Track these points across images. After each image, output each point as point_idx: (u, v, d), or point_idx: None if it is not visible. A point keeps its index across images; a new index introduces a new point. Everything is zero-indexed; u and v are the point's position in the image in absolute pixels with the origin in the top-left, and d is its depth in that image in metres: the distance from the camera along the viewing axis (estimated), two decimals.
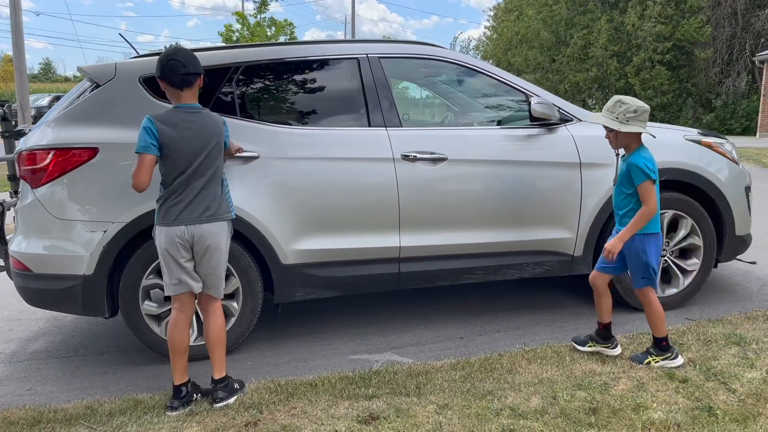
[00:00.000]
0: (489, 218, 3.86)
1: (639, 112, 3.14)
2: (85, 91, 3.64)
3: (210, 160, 2.92)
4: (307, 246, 3.62)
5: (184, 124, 2.87)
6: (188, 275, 2.94)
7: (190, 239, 2.89)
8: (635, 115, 3.14)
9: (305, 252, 3.62)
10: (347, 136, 3.71)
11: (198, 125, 2.90)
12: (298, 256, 3.62)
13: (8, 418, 2.94)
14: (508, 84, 4.04)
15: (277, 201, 3.54)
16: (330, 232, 3.65)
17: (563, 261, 3.99)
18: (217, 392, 3.00)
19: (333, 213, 3.64)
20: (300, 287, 3.67)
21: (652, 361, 3.24)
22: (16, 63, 13.62)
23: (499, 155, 3.86)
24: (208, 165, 2.91)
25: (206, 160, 2.90)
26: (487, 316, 4.20)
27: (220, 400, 2.98)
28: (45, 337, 4.16)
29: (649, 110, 3.20)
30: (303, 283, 3.66)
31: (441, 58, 4.03)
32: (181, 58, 2.88)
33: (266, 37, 23.63)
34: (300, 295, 3.69)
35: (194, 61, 2.92)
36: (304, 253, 3.62)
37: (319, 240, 3.64)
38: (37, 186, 3.45)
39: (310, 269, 3.66)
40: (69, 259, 3.44)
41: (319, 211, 3.61)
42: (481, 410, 2.83)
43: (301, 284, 3.67)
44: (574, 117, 4.02)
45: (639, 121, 3.15)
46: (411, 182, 3.69)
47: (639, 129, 3.15)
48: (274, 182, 3.55)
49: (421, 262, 3.82)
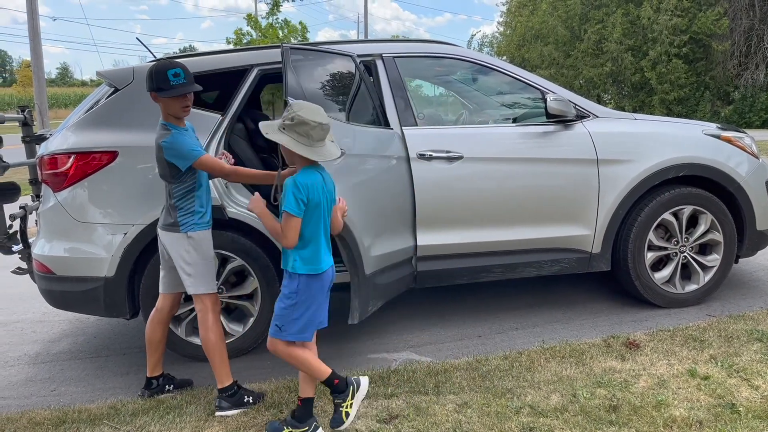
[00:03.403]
0: (506, 216, 3.85)
1: (295, 122, 2.49)
2: (104, 95, 3.69)
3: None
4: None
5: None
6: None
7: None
8: (291, 123, 2.50)
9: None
10: (371, 133, 3.70)
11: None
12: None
13: (33, 418, 2.99)
14: (523, 81, 4.03)
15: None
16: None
17: (581, 258, 3.97)
18: (220, 401, 3.00)
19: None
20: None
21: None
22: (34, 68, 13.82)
23: (515, 153, 3.85)
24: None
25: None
26: (504, 314, 4.20)
27: (219, 410, 2.97)
28: (68, 339, 4.22)
29: (313, 125, 2.50)
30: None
31: (455, 56, 4.03)
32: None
33: (278, 39, 23.61)
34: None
35: (145, 82, 2.91)
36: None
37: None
38: (59, 190, 3.50)
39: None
40: (90, 261, 3.49)
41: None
42: (501, 408, 2.83)
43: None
44: (591, 113, 4.00)
45: (296, 133, 2.50)
46: (427, 181, 3.69)
47: (283, 140, 2.51)
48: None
49: (437, 261, 3.82)
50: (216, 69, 3.75)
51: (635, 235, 3.94)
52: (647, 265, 4.00)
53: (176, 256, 2.96)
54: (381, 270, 3.49)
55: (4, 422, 2.97)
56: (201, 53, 4.09)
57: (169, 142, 2.84)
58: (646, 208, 3.94)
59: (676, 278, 4.09)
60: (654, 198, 3.95)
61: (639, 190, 3.91)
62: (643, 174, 3.89)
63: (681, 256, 4.08)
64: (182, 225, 2.94)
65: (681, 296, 4.11)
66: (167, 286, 3.14)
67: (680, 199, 3.98)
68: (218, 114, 3.67)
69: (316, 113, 2.55)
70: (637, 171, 3.90)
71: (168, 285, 3.14)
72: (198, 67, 3.63)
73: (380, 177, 3.59)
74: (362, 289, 3.30)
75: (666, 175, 3.92)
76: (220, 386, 2.99)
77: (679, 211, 4.01)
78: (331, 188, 2.68)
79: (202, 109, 3.66)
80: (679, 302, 4.10)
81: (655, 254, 4.03)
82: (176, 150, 2.83)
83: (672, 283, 4.10)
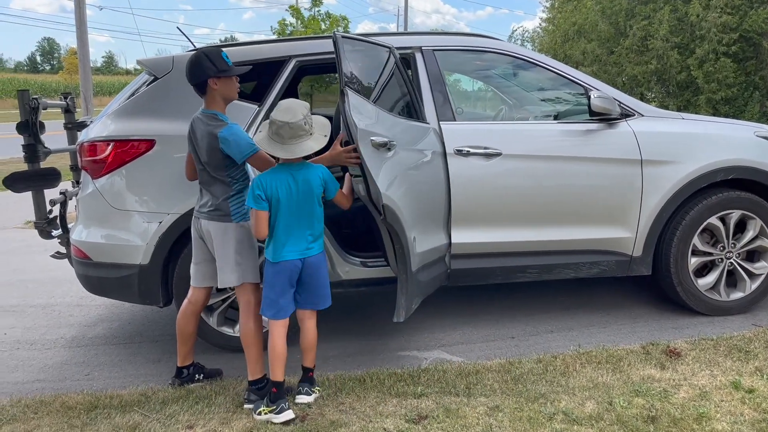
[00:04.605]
0: (544, 215, 3.75)
1: (269, 121, 2.83)
2: (144, 83, 3.71)
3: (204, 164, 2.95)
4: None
5: (194, 123, 2.96)
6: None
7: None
8: (269, 123, 2.86)
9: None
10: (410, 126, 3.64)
11: (195, 130, 2.95)
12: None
13: (66, 402, 3.03)
14: (566, 77, 3.91)
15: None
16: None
17: (621, 261, 3.85)
18: (249, 394, 2.98)
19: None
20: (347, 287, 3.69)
21: (262, 412, 2.83)
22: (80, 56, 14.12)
23: (556, 151, 3.73)
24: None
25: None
26: (538, 316, 4.10)
27: (247, 402, 2.96)
28: (103, 324, 4.29)
29: (280, 124, 2.75)
30: (349, 285, 3.69)
31: (497, 50, 3.93)
32: (186, 69, 2.91)
33: (320, 31, 23.71)
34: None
35: (194, 71, 2.89)
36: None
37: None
38: (97, 177, 3.54)
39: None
40: (126, 248, 3.52)
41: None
42: (534, 413, 2.75)
43: (349, 286, 3.70)
44: (636, 111, 3.86)
45: (271, 131, 2.82)
46: (463, 177, 3.62)
47: (257, 138, 2.91)
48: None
49: (472, 260, 3.75)
50: (253, 59, 3.73)
51: (679, 239, 3.79)
52: (690, 270, 3.85)
53: (225, 246, 2.94)
54: (422, 267, 3.43)
55: (38, 405, 3.02)
56: (238, 43, 4.08)
57: (228, 134, 2.83)
58: (691, 212, 3.79)
59: (721, 285, 3.93)
60: (700, 201, 3.79)
61: (684, 193, 3.76)
62: (689, 176, 3.74)
63: (727, 262, 3.92)
64: (234, 215, 2.94)
65: (725, 304, 3.94)
66: (201, 278, 3.13)
67: (728, 203, 3.81)
68: (255, 105, 3.66)
69: (285, 112, 2.75)
70: (683, 173, 3.75)
71: (202, 278, 3.13)
72: (236, 58, 3.60)
73: (419, 171, 3.53)
74: (410, 286, 3.24)
75: (714, 177, 3.76)
76: (251, 378, 2.98)
77: (727, 216, 3.84)
78: (301, 186, 2.83)
79: (239, 99, 3.64)
80: (723, 310, 3.94)
81: (699, 259, 3.88)
82: (236, 142, 2.82)
83: (716, 290, 3.94)
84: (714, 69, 23.10)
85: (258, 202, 2.78)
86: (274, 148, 2.78)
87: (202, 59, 2.86)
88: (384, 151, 3.11)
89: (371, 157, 2.95)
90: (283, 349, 2.89)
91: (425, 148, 3.56)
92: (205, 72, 2.86)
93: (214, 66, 2.87)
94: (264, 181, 2.81)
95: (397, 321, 3.16)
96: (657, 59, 24.98)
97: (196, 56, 2.90)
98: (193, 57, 2.91)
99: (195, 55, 2.91)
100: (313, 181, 2.86)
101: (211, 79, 2.88)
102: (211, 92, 2.91)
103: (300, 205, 2.84)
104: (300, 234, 2.87)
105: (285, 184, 2.81)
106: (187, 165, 3.16)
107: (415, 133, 3.58)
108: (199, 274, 3.13)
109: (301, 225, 2.86)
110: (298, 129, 2.75)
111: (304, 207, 2.85)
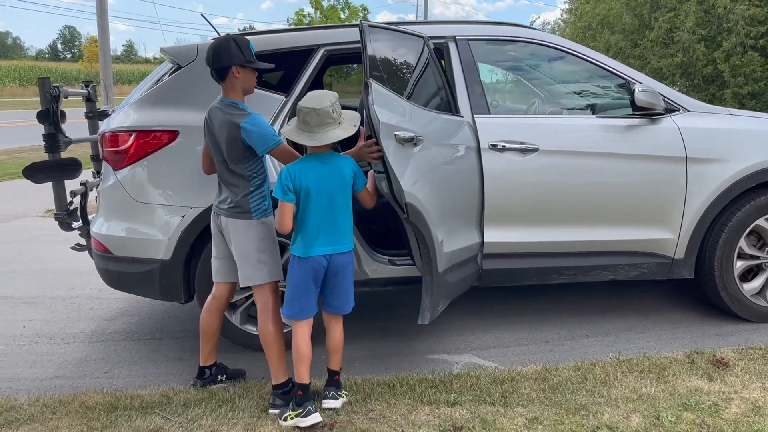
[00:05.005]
0: (582, 215, 3.57)
1: (297, 111, 2.73)
2: (167, 72, 3.59)
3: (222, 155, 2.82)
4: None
5: (212, 113, 2.83)
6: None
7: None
8: (296, 113, 2.76)
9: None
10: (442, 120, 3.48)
11: (212, 120, 2.82)
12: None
13: (85, 402, 2.93)
14: (608, 69, 3.72)
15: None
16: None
17: (662, 264, 3.66)
18: (274, 398, 2.86)
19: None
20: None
21: (288, 417, 2.71)
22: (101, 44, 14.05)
23: (596, 147, 3.55)
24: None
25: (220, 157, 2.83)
26: (573, 319, 3.93)
27: (272, 407, 2.84)
28: (123, 318, 4.19)
29: (306, 110, 2.67)
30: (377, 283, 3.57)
31: (535, 40, 3.74)
32: (210, 51, 2.78)
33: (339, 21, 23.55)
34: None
35: (220, 55, 2.75)
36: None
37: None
38: (119, 168, 3.42)
39: None
40: (147, 242, 3.40)
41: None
42: (576, 427, 2.59)
43: (376, 285, 3.58)
44: (681, 106, 3.66)
45: (299, 121, 2.71)
46: (498, 173, 3.45)
47: (285, 130, 2.79)
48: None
49: (505, 260, 3.59)
50: (281, 48, 3.60)
51: (724, 242, 3.60)
52: (736, 274, 3.65)
53: (247, 244, 2.82)
54: (451, 267, 3.28)
55: (57, 404, 2.92)
56: (265, 31, 3.93)
57: (251, 123, 2.70)
58: (738, 213, 3.59)
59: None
60: (748, 201, 3.59)
61: (731, 193, 3.56)
62: (737, 175, 3.54)
63: None
64: (255, 211, 2.82)
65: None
66: (224, 274, 3.02)
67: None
68: (282, 95, 3.52)
69: (313, 99, 2.66)
70: (730, 172, 3.54)
71: (225, 273, 3.02)
72: (262, 46, 3.48)
73: (451, 167, 3.37)
74: (435, 287, 3.09)
75: (764, 177, 3.56)
76: (275, 383, 2.85)
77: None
78: (331, 176, 2.71)
79: (266, 90, 3.50)
80: None
81: (745, 263, 3.69)
82: (258, 133, 2.70)
83: (762, 296, 3.74)
84: (741, 62, 22.59)
85: (286, 193, 2.66)
86: (301, 137, 2.68)
87: (231, 45, 2.74)
88: (410, 147, 2.96)
89: (395, 153, 2.81)
90: (308, 349, 2.76)
91: (458, 143, 3.40)
92: (231, 58, 2.74)
93: (242, 54, 2.76)
94: (293, 171, 2.68)
95: (422, 324, 3.01)
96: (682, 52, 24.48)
97: (225, 40, 2.78)
98: (222, 40, 2.78)
99: (223, 39, 2.79)
100: (344, 169, 2.75)
101: (235, 66, 2.76)
102: (231, 80, 2.79)
103: (332, 194, 2.71)
104: (331, 227, 2.73)
105: (315, 174, 2.69)
106: (204, 158, 3.04)
107: (447, 127, 3.42)
108: (222, 269, 3.02)
109: (333, 217, 2.73)
110: (326, 116, 2.64)
111: (336, 197, 2.73)
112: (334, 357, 2.87)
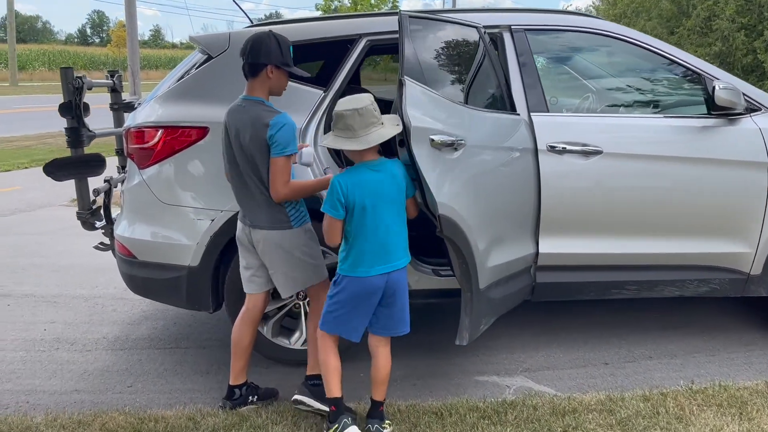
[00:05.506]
0: (648, 224, 3.24)
1: (335, 119, 2.45)
2: (197, 63, 3.31)
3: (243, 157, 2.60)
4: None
5: (231, 114, 2.64)
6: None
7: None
8: (333, 122, 2.48)
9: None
10: (493, 120, 3.17)
11: (232, 123, 2.62)
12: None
13: (106, 424, 2.69)
14: (681, 63, 3.35)
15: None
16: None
17: (736, 280, 3.31)
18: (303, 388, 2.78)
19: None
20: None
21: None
22: (129, 29, 13.86)
23: (666, 150, 3.21)
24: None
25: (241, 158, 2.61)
26: (631, 337, 3.59)
27: (299, 393, 2.76)
28: (147, 322, 3.97)
29: (348, 113, 2.39)
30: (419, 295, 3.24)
31: (600, 31, 3.38)
32: (248, 44, 2.56)
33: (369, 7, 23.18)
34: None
35: (258, 50, 2.53)
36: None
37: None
38: (145, 166, 3.17)
39: None
40: (174, 247, 3.16)
41: None
42: None
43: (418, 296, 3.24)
44: (763, 106, 3.29)
45: (338, 129, 2.44)
46: (556, 178, 3.13)
47: (326, 141, 2.52)
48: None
49: (561, 272, 3.27)
50: (320, 38, 3.32)
51: None
52: None
53: (292, 253, 2.64)
54: (496, 282, 2.98)
55: (75, 426, 2.69)
56: (302, 19, 3.64)
57: (282, 122, 2.50)
58: None
59: None
60: None
61: None
62: None
63: None
64: (294, 220, 2.64)
65: None
66: (259, 284, 2.78)
67: None
68: (320, 89, 3.23)
69: (351, 101, 2.43)
70: None
71: (259, 284, 2.79)
72: (300, 36, 3.21)
73: (500, 171, 3.06)
74: (475, 305, 2.79)
75: None
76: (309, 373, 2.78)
77: None
78: (387, 185, 2.46)
79: (303, 83, 3.21)
80: None
81: None
82: (284, 133, 2.51)
83: None
84: None
85: (336, 209, 2.41)
86: (345, 143, 2.42)
87: (272, 42, 2.54)
88: (448, 152, 2.68)
89: (427, 160, 2.53)
90: (338, 362, 2.57)
91: (511, 144, 3.09)
92: (269, 55, 2.54)
93: (281, 54, 2.56)
94: (345, 183, 2.42)
95: (460, 344, 2.75)
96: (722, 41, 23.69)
97: (266, 35, 2.56)
98: (263, 36, 2.56)
99: (265, 34, 2.57)
100: (398, 174, 2.50)
101: (270, 65, 2.55)
102: (263, 78, 2.59)
103: (389, 206, 2.46)
104: (388, 243, 2.47)
105: (370, 186, 2.43)
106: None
107: (499, 127, 3.11)
108: (255, 279, 2.79)
109: (390, 231, 2.47)
110: (369, 116, 2.40)
111: (394, 207, 2.48)
112: (381, 387, 2.59)
